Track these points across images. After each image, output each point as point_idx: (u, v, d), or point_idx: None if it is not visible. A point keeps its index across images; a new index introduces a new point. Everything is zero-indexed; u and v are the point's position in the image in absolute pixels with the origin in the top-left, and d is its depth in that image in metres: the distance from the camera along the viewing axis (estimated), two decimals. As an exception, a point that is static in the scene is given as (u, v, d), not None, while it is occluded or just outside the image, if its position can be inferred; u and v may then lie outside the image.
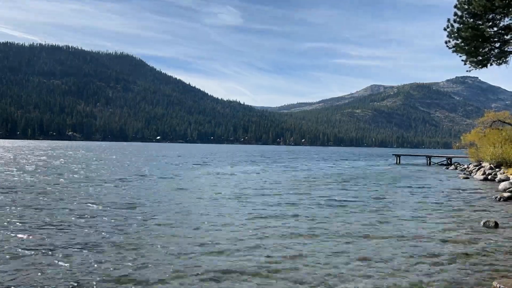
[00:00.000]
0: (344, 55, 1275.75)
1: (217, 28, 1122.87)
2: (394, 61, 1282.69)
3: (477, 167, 28.68)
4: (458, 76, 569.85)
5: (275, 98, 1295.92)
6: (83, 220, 9.53)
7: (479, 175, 24.58)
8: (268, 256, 6.90)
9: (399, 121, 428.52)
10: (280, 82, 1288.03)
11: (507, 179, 20.32)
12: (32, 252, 6.81)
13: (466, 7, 17.94)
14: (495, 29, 18.51)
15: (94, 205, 11.66)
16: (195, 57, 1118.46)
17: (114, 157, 44.36)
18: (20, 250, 6.94)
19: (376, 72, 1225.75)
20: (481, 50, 19.12)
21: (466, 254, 7.30)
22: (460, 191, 17.93)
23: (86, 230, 8.49)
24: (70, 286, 5.40)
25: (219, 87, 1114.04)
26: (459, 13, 18.38)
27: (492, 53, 19.31)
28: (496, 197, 14.81)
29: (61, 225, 8.96)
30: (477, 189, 18.93)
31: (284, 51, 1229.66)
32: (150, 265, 6.31)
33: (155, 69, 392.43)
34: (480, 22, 18.18)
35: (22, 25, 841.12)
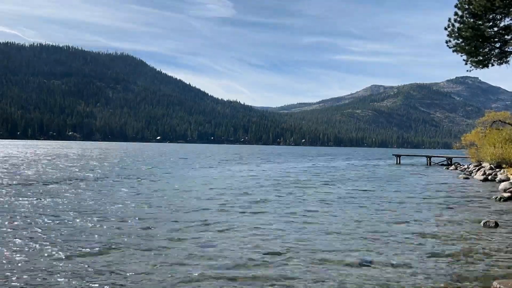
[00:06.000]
0: (345, 50, 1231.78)
1: (205, 20, 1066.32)
2: (397, 57, 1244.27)
3: (477, 167, 28.64)
4: (458, 76, 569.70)
5: (273, 97, 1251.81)
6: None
7: (479, 175, 24.54)
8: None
9: (399, 122, 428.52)
10: (277, 80, 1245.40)
11: (507, 179, 20.28)
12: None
13: (467, 7, 17.95)
14: (496, 29, 18.52)
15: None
16: (183, 52, 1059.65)
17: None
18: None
19: (377, 70, 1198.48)
20: (481, 50, 19.14)
21: (466, 254, 7.28)
22: (460, 191, 17.91)
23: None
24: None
25: (213, 84, 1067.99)
26: (460, 13, 18.39)
27: (493, 53, 19.32)
28: (496, 197, 14.79)
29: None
30: (477, 189, 18.90)
31: (280, 46, 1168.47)
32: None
33: (155, 69, 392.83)
34: (480, 22, 18.19)
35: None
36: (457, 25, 18.58)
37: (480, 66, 19.72)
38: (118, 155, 49.27)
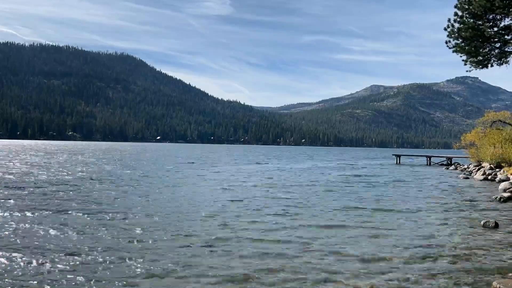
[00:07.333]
0: (345, 49, 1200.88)
1: (203, 19, 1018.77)
2: (397, 56, 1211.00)
3: (477, 167, 28.65)
4: (458, 76, 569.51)
5: (273, 97, 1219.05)
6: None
7: (479, 175, 24.56)
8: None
9: (399, 122, 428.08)
10: (277, 79, 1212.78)
11: (507, 179, 20.29)
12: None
13: (467, 7, 17.95)
14: (496, 29, 18.51)
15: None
16: (182, 52, 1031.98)
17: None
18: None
19: (377, 69, 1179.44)
20: (481, 50, 19.12)
21: (466, 254, 7.29)
22: (460, 191, 17.92)
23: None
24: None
25: (212, 84, 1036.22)
26: (460, 13, 18.39)
27: (493, 53, 19.31)
28: (496, 197, 14.79)
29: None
30: (477, 189, 18.92)
31: (280, 45, 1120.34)
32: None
33: (155, 69, 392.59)
34: (480, 22, 18.18)
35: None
36: (457, 25, 18.57)
37: (480, 66, 19.70)
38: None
